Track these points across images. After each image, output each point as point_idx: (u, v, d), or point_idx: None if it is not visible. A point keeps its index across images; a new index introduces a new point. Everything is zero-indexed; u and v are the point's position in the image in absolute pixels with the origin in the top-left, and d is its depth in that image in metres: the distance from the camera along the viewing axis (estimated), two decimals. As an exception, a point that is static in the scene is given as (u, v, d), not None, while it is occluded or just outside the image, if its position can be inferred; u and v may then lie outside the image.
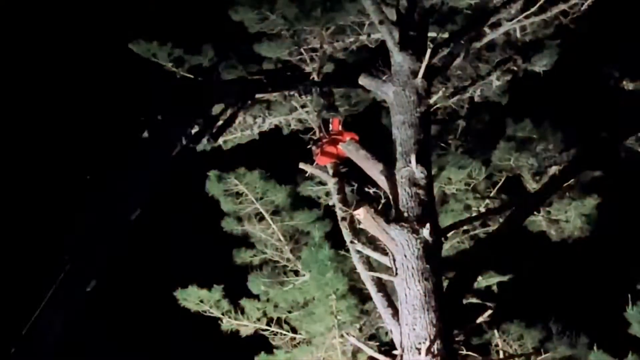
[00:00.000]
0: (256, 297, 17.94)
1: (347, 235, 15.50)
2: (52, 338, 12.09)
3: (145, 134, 14.52)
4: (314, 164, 15.89)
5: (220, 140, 17.67)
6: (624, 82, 16.45)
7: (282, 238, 17.92)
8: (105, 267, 13.61)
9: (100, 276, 13.29)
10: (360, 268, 14.79)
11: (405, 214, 12.83)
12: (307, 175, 17.09)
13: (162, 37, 16.93)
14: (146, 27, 17.27)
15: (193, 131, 16.39)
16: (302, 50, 16.99)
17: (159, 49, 16.85)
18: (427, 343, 11.97)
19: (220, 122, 17.04)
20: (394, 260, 12.72)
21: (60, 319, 12.18)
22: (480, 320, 13.67)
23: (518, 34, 15.66)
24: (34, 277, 12.37)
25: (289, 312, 17.85)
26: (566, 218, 16.94)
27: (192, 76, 17.08)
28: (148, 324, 21.92)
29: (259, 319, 17.87)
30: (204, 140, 16.90)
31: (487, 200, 17.32)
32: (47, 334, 12.02)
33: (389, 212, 13.22)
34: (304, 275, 17.46)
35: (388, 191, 13.42)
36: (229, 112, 16.90)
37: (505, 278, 17.66)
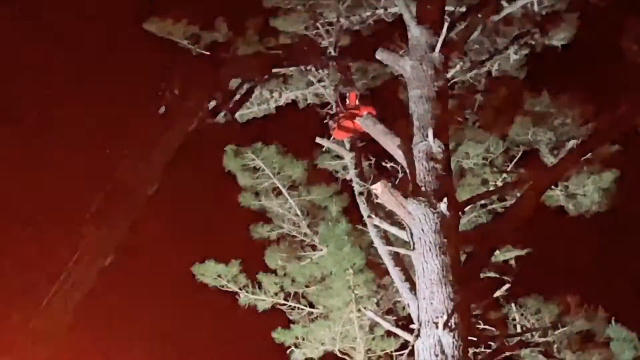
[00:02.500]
0: (273, 271, 18.00)
1: (364, 209, 15.50)
2: (69, 313, 12.15)
3: (163, 109, 14.52)
4: (331, 139, 15.86)
5: (237, 115, 17.67)
6: (643, 55, 16.36)
7: (299, 213, 17.96)
8: (122, 241, 13.64)
9: (118, 251, 13.33)
10: (378, 242, 14.79)
11: (423, 188, 12.79)
12: (324, 149, 17.09)
13: (176, 13, 16.91)
14: (161, 2, 17.27)
15: (210, 106, 16.39)
16: (318, 24, 16.95)
17: (173, 27, 16.83)
18: (445, 317, 11.95)
19: (237, 97, 17.03)
20: (412, 234, 12.70)
21: (77, 294, 12.24)
22: (497, 294, 13.66)
23: (536, 7, 15.59)
24: (52, 250, 12.43)
25: (307, 286, 17.92)
26: (584, 192, 16.90)
27: (208, 53, 17.08)
28: (165, 299, 22.02)
29: (276, 294, 17.94)
30: (221, 115, 16.90)
31: (505, 175, 17.29)
32: (65, 309, 12.07)
33: (406, 187, 13.19)
34: (321, 249, 17.50)
35: (405, 165, 13.38)
36: (245, 86, 16.89)
37: (522, 252, 17.66)
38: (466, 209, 14.31)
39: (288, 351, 17.95)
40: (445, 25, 13.61)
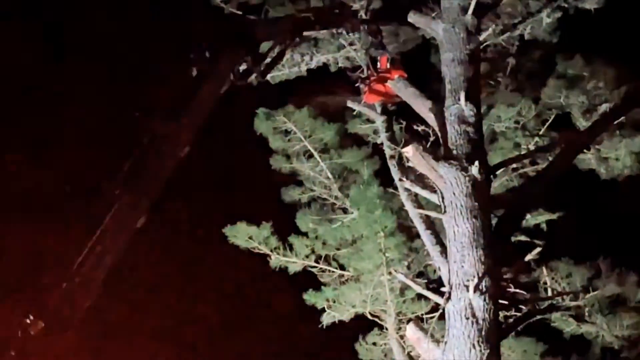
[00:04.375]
0: (305, 234, 18.05)
1: (395, 172, 15.49)
2: (102, 274, 12.21)
3: (194, 71, 14.52)
4: (362, 102, 15.84)
5: (268, 78, 17.64)
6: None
7: (330, 176, 17.98)
8: (154, 204, 13.69)
9: (150, 213, 13.38)
10: (409, 206, 14.80)
11: (454, 152, 12.80)
12: (355, 113, 17.08)
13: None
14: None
15: (241, 68, 16.39)
16: (350, -13, 16.89)
17: None
18: (475, 280, 11.99)
19: (269, 60, 17.01)
20: (443, 197, 12.73)
21: (110, 255, 12.28)
22: (528, 258, 13.68)
23: (569, -31, 15.48)
24: (85, 212, 12.50)
25: (338, 249, 17.96)
26: (616, 156, 16.79)
27: (240, 12, 17.07)
28: (195, 261, 22.18)
29: (307, 256, 18.00)
30: (252, 78, 16.88)
31: (537, 138, 17.23)
32: (97, 269, 12.13)
33: (438, 150, 13.20)
34: (352, 212, 17.52)
35: (437, 129, 13.39)
36: (277, 49, 16.85)
37: (554, 216, 17.61)
38: (498, 172, 14.29)
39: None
40: (478, -13, 13.58)
